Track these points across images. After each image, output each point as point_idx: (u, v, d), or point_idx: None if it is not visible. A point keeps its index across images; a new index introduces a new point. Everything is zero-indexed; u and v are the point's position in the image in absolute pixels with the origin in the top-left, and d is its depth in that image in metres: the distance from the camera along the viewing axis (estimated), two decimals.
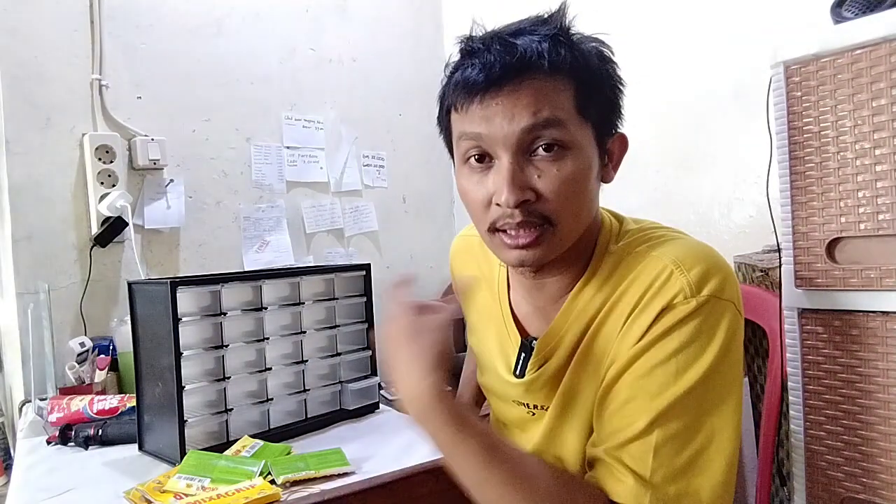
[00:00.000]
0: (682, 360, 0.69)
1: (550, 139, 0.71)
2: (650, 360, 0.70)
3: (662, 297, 0.71)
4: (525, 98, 0.70)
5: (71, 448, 1.09)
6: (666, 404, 0.68)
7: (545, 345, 0.82)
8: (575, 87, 0.72)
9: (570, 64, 0.72)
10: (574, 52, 0.73)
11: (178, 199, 1.68)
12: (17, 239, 1.48)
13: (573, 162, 0.72)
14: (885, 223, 0.89)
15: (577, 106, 0.72)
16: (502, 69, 0.70)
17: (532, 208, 0.73)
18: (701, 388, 0.68)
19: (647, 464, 0.67)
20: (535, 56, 0.70)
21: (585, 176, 0.74)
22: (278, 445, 0.99)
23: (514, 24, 0.76)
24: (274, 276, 1.11)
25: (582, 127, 0.73)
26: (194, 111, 1.73)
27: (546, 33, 0.72)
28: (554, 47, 0.71)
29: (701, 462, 0.68)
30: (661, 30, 1.57)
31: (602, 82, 0.76)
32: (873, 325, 0.92)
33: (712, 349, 0.69)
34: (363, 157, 2.05)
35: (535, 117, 0.70)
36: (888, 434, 0.91)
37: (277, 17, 1.88)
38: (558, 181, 0.72)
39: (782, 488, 1.20)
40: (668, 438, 0.67)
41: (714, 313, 0.70)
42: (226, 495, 0.81)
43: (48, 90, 1.52)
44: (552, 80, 0.71)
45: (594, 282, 0.79)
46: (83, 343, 1.43)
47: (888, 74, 0.87)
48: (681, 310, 0.70)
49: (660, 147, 1.59)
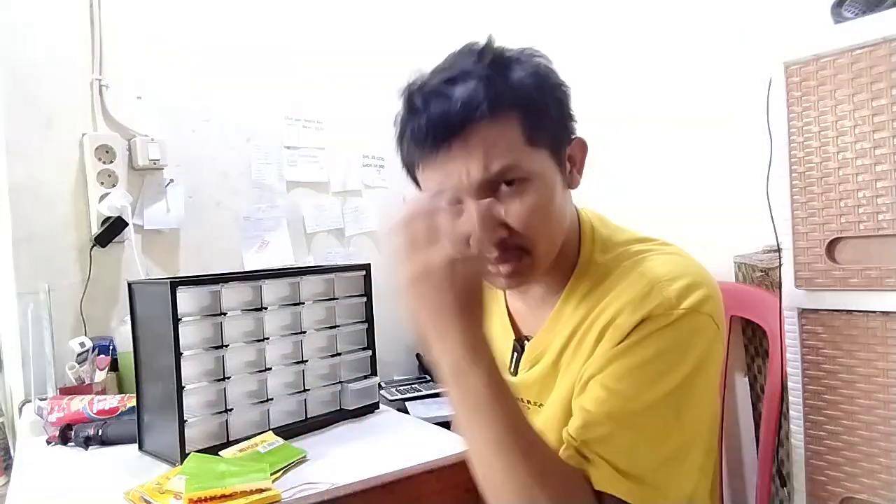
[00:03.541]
0: (659, 366, 0.71)
1: (509, 178, 0.73)
2: (626, 365, 0.72)
3: (643, 308, 0.73)
4: (475, 150, 0.72)
5: (71, 448, 1.09)
6: (642, 406, 0.70)
7: (534, 349, 0.86)
8: (520, 122, 0.73)
9: (510, 101, 0.72)
10: (512, 86, 0.73)
11: (177, 199, 1.68)
12: (17, 239, 1.48)
13: (535, 190, 0.74)
14: (885, 223, 0.89)
15: (527, 139, 0.73)
16: (445, 128, 0.71)
17: (507, 243, 0.75)
18: (676, 394, 0.71)
19: (624, 457, 0.69)
20: (474, 105, 0.70)
21: (550, 198, 0.76)
22: (295, 448, 0.98)
23: (448, 65, 0.76)
24: (274, 276, 1.11)
25: (535, 155, 0.74)
26: (194, 111, 1.73)
27: (480, 74, 0.72)
28: (490, 88, 0.71)
29: (672, 465, 0.70)
30: (661, 30, 1.57)
31: (546, 102, 0.75)
32: (873, 325, 0.92)
33: (689, 360, 0.71)
34: (363, 157, 2.05)
35: (487, 171, 0.72)
36: (888, 434, 0.91)
37: (277, 16, 1.88)
38: (526, 213, 0.74)
39: (782, 488, 1.20)
40: (642, 440, 0.70)
41: (691, 325, 0.72)
42: (225, 497, 0.81)
43: (48, 90, 1.52)
44: (496, 124, 0.72)
45: (580, 291, 0.82)
46: (83, 343, 1.43)
47: (888, 74, 0.87)
48: (659, 320, 0.72)
49: (660, 147, 1.59)
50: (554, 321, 0.84)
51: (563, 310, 0.83)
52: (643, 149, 1.64)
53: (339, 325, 1.18)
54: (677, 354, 0.71)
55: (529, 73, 0.75)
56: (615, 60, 1.67)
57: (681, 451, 0.71)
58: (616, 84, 1.68)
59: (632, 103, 1.65)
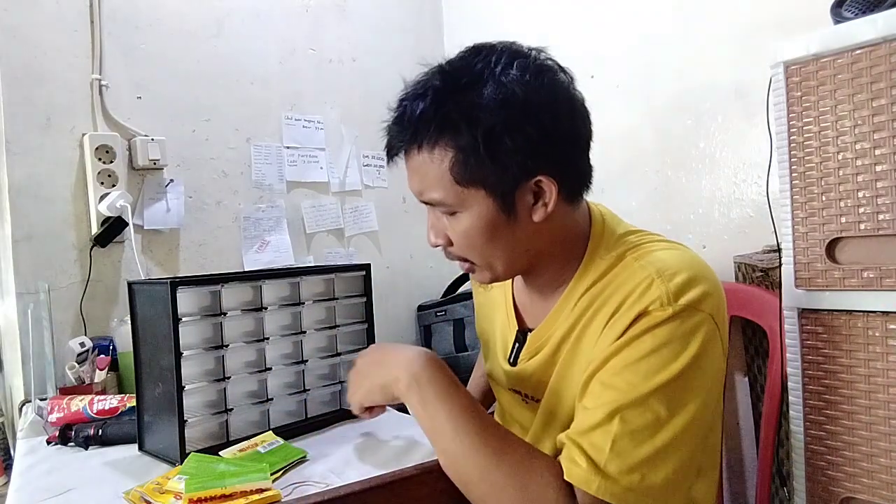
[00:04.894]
0: (653, 362, 0.72)
1: (434, 203, 0.81)
2: (623, 360, 0.73)
3: (641, 303, 0.74)
4: (412, 175, 0.81)
5: (71, 448, 1.09)
6: (630, 399, 0.71)
7: (536, 339, 0.88)
8: (452, 159, 0.76)
9: (447, 139, 0.76)
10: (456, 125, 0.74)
11: (178, 199, 1.68)
12: (17, 239, 1.48)
13: (465, 220, 0.80)
14: (885, 223, 0.89)
15: (456, 177, 0.77)
16: (397, 146, 0.81)
17: (451, 252, 0.85)
18: (668, 390, 0.71)
19: (604, 453, 0.70)
20: (418, 135, 0.77)
21: (481, 229, 0.79)
22: (295, 448, 0.98)
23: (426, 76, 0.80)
24: (274, 276, 1.11)
25: (467, 192, 0.78)
26: (194, 111, 1.73)
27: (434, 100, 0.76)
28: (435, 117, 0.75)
29: (657, 460, 0.70)
30: (661, 29, 1.57)
31: (495, 145, 0.74)
32: (873, 325, 0.92)
33: (685, 356, 0.72)
34: (363, 157, 2.05)
35: (421, 196, 0.82)
36: (888, 434, 0.91)
37: (277, 17, 1.88)
38: (457, 235, 0.82)
39: (782, 488, 1.20)
40: (628, 432, 0.70)
41: (689, 322, 0.73)
42: (225, 497, 0.81)
43: (48, 90, 1.52)
44: (430, 156, 0.77)
45: (583, 285, 0.83)
46: (83, 343, 1.43)
47: (888, 74, 0.87)
48: (656, 315, 0.73)
49: (660, 147, 1.59)
50: (557, 313, 0.86)
51: (567, 303, 0.85)
52: (643, 149, 1.63)
53: (339, 325, 1.18)
54: (672, 351, 0.72)
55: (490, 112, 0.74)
56: (615, 60, 1.67)
57: (670, 449, 0.71)
58: (616, 84, 1.68)
59: (632, 103, 1.65)
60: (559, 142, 0.77)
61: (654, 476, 0.70)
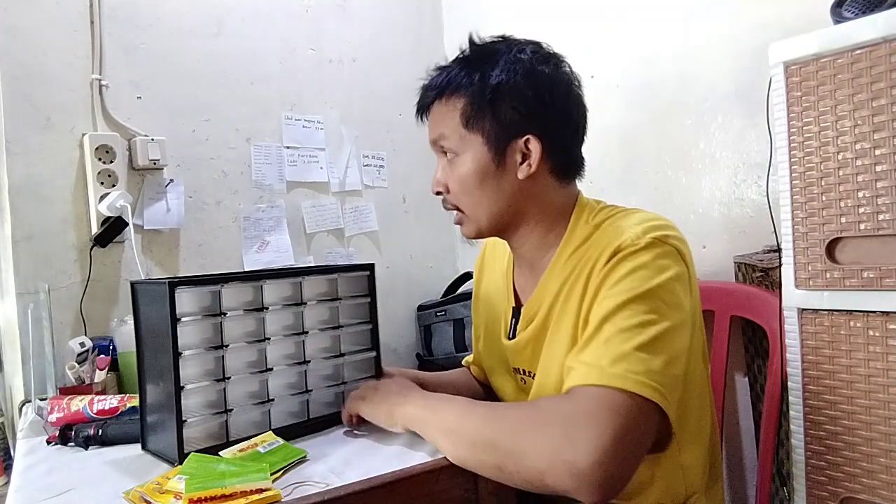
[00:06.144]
0: (631, 279, 0.82)
1: (444, 147, 0.97)
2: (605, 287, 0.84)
3: (614, 245, 0.85)
4: (432, 123, 0.99)
5: (71, 448, 1.09)
6: (614, 305, 0.80)
7: (529, 310, 0.99)
8: (463, 107, 0.94)
9: (462, 91, 0.94)
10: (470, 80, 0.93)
11: (178, 199, 1.68)
12: (17, 239, 1.48)
13: (463, 164, 0.95)
14: (885, 223, 0.89)
15: (463, 120, 0.94)
16: (423, 99, 1.00)
17: (446, 200, 1.00)
18: (648, 300, 0.80)
19: (599, 353, 0.78)
20: (441, 86, 0.96)
21: (476, 174, 0.94)
22: (295, 448, 0.98)
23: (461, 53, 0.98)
24: (276, 276, 1.11)
25: (468, 136, 0.94)
26: (194, 111, 1.73)
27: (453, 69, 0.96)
28: (455, 79, 0.94)
29: (651, 350, 0.77)
30: (661, 29, 1.57)
31: (499, 98, 0.92)
32: (873, 325, 0.92)
33: (661, 275, 0.82)
34: (363, 157, 2.05)
35: (431, 133, 0.99)
36: (888, 434, 0.91)
37: (277, 17, 1.88)
38: (454, 180, 0.97)
39: (782, 488, 1.21)
40: (616, 331, 0.78)
41: (658, 250, 0.84)
42: (225, 497, 0.81)
43: (48, 90, 1.52)
44: (446, 105, 0.96)
45: (566, 252, 0.94)
46: (83, 343, 1.43)
47: (888, 74, 0.87)
48: (628, 249, 0.84)
49: (660, 147, 1.59)
50: (545, 282, 0.96)
51: (553, 270, 0.96)
52: (643, 148, 1.63)
53: (342, 325, 1.18)
54: (647, 271, 0.82)
55: (500, 72, 0.91)
56: (615, 60, 1.67)
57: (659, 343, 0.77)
58: (616, 84, 1.68)
59: (631, 103, 1.65)
60: (551, 113, 0.92)
61: (651, 362, 0.75)
